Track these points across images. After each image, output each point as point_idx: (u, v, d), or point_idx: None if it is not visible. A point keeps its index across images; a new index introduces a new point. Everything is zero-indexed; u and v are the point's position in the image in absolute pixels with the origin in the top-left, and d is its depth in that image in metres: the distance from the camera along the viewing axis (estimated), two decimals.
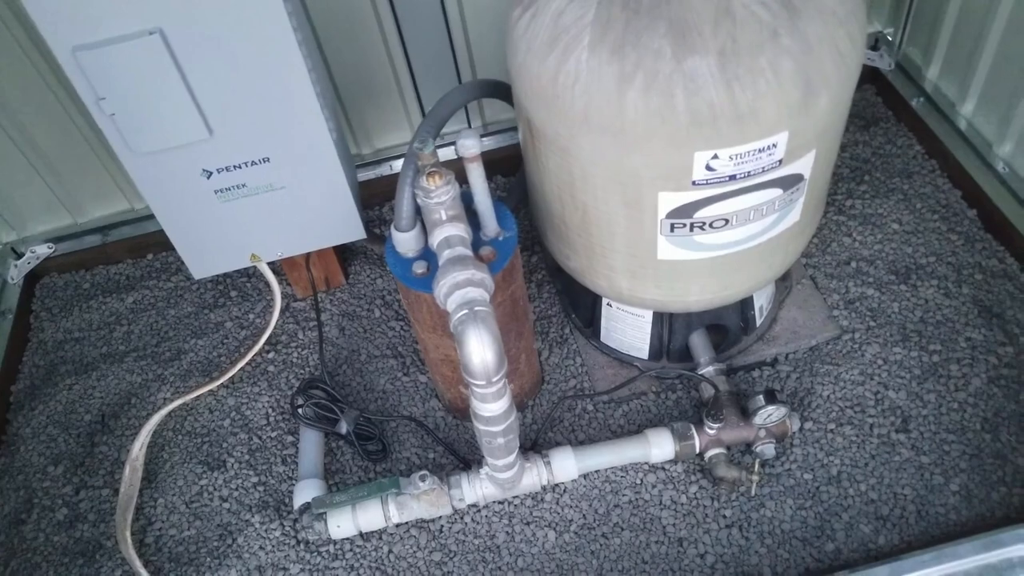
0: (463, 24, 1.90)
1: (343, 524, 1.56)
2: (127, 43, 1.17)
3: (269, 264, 1.69)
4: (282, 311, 1.98)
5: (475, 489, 1.57)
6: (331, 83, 1.92)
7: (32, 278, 2.14)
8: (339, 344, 1.94)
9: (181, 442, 1.82)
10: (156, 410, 1.77)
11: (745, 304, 1.74)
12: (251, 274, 2.09)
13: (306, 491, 1.61)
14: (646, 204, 1.33)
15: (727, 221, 1.35)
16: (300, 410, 1.71)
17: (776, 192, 1.33)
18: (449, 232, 1.37)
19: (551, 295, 1.96)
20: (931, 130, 2.04)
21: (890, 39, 2.19)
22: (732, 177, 1.27)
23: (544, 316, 1.93)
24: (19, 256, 2.13)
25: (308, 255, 1.80)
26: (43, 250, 2.13)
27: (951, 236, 1.91)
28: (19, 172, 1.95)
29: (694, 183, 1.27)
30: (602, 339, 1.83)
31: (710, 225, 1.35)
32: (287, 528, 1.64)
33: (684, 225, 1.35)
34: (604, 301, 1.74)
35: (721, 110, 1.18)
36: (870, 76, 2.23)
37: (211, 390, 1.85)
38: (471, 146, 1.33)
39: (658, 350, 1.78)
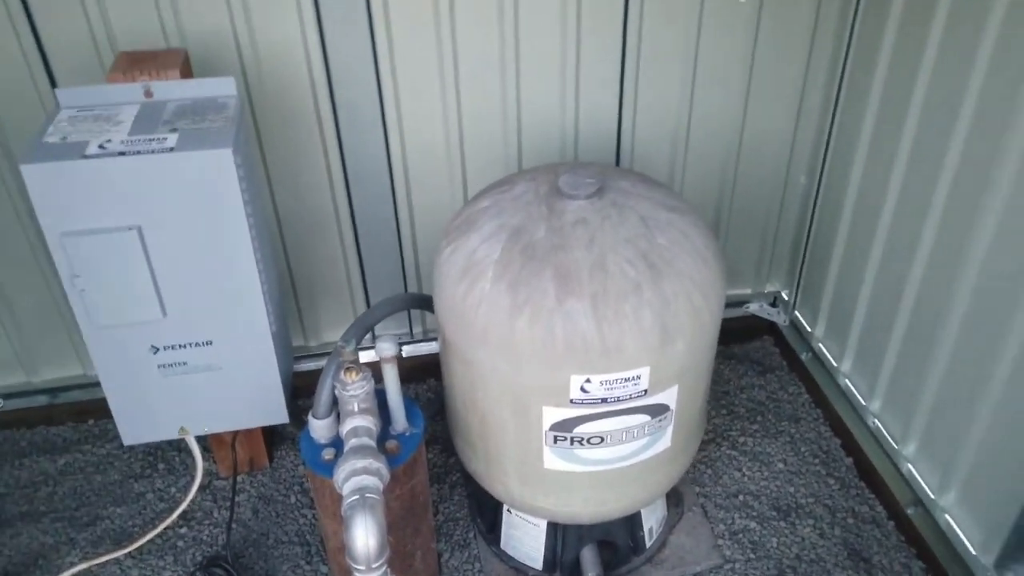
0: (414, 244, 2.20)
1: None
2: (109, 234, 1.41)
3: (199, 441, 1.82)
4: (203, 488, 2.08)
5: None
6: (289, 278, 2.17)
7: None
8: (250, 526, 2.02)
9: None
10: (58, 574, 1.81)
11: (634, 524, 1.87)
12: (181, 448, 2.20)
13: None
14: (533, 415, 1.52)
15: (603, 439, 1.53)
16: None
17: (644, 418, 1.53)
18: (358, 423, 1.54)
19: (462, 498, 2.08)
20: (816, 383, 2.29)
21: (786, 298, 2.52)
22: (604, 400, 1.47)
23: (452, 518, 2.04)
24: None
25: (235, 435, 1.94)
26: None
27: (829, 480, 2.10)
28: None
29: (571, 401, 1.47)
30: (502, 546, 1.93)
31: (588, 441, 1.53)
32: None
33: (566, 439, 1.53)
34: (505, 507, 1.87)
35: (592, 343, 1.41)
36: (769, 329, 2.53)
37: (117, 559, 1.90)
38: (387, 349, 1.54)
39: (551, 562, 1.87)
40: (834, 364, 2.28)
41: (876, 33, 1.88)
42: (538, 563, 1.88)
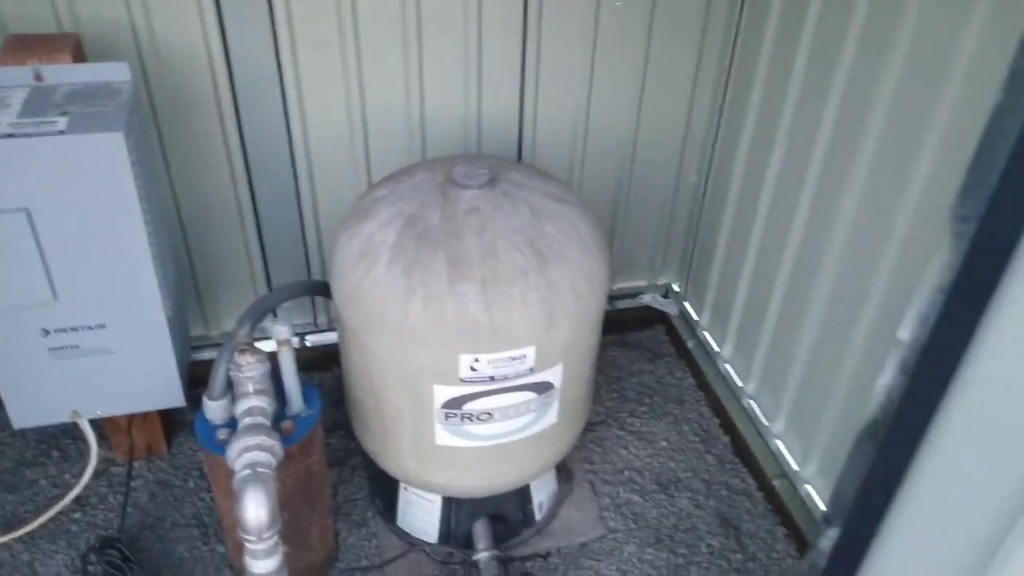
0: (317, 233, 2.23)
1: None
2: None
3: (95, 428, 1.81)
4: (99, 474, 2.07)
5: None
6: (190, 268, 2.17)
7: None
8: (147, 510, 2.02)
9: None
10: None
11: (524, 498, 1.98)
12: (76, 436, 2.17)
13: None
14: (425, 395, 1.59)
15: (491, 415, 1.63)
16: (90, 567, 1.76)
17: (531, 395, 1.63)
18: (252, 403, 1.58)
19: (362, 480, 2.14)
20: (700, 368, 2.46)
21: (677, 290, 2.68)
22: (492, 378, 1.57)
23: (351, 499, 2.10)
24: None
25: (131, 420, 1.94)
26: None
27: (707, 456, 2.26)
28: None
29: (461, 380, 1.56)
30: (399, 523, 2.00)
31: (477, 417, 1.62)
32: None
33: (456, 415, 1.62)
34: (401, 486, 1.94)
35: (482, 324, 1.50)
36: (661, 319, 2.69)
37: (8, 544, 1.88)
38: (281, 332, 1.58)
39: (445, 535, 1.96)
40: (716, 350, 2.45)
41: (758, 34, 2.03)
42: (433, 537, 1.96)
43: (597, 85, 2.19)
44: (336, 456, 2.19)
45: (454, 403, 1.60)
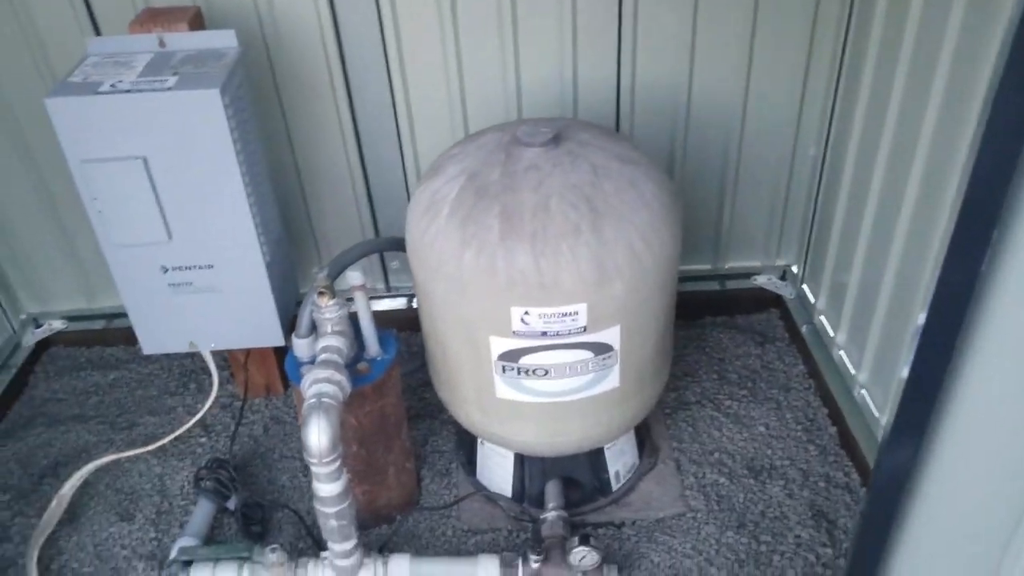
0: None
1: None
2: (119, 162, 1.64)
3: (224, 364, 2.05)
4: (224, 406, 2.33)
5: (317, 572, 1.78)
6: (308, 220, 2.37)
7: (42, 345, 2.57)
8: (260, 441, 2.24)
9: (107, 494, 2.11)
10: (93, 461, 2.09)
11: (598, 465, 1.97)
12: (210, 372, 2.46)
13: (184, 546, 1.86)
14: (482, 345, 1.64)
15: (547, 371, 1.64)
16: (202, 482, 2.00)
17: (587, 354, 1.63)
18: (329, 342, 1.71)
19: (451, 433, 2.24)
20: (812, 355, 2.30)
21: (795, 272, 2.52)
22: (544, 333, 1.59)
23: (438, 450, 2.20)
24: (38, 326, 2.58)
25: (247, 357, 2.17)
26: (58, 324, 2.58)
27: (809, 446, 2.11)
28: (54, 259, 2.45)
29: (514, 332, 1.59)
30: (478, 476, 2.08)
31: (533, 372, 1.65)
32: None
33: (513, 369, 1.65)
34: (479, 440, 2.01)
35: (530, 277, 1.52)
36: (776, 302, 2.55)
37: (145, 456, 2.17)
38: (356, 278, 1.70)
39: (520, 493, 2.00)
40: (831, 335, 2.29)
41: None
42: (507, 492, 2.01)
43: (700, 50, 2.12)
44: (428, 408, 2.30)
45: (510, 356, 1.63)
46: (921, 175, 1.74)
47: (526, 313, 1.56)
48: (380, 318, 1.82)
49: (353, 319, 1.78)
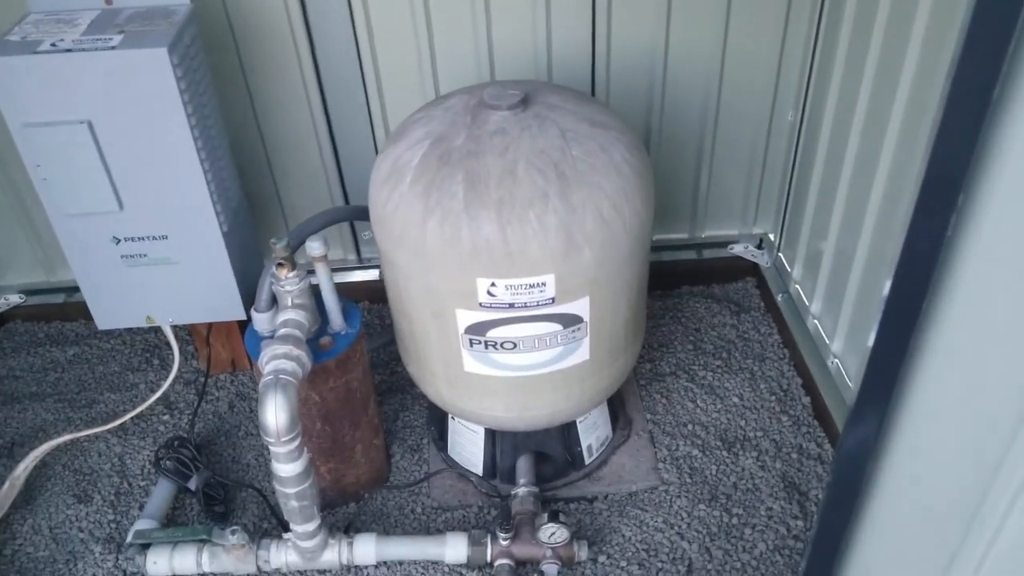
0: None
1: (159, 561, 1.74)
2: (62, 127, 1.56)
3: (185, 339, 1.98)
4: (188, 383, 2.26)
5: (280, 554, 1.74)
6: (274, 188, 2.29)
7: None
8: (224, 418, 2.18)
9: (64, 475, 2.04)
10: (53, 441, 2.02)
11: (570, 439, 1.93)
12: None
13: (140, 529, 1.80)
14: (448, 317, 1.59)
15: (515, 344, 1.59)
16: (161, 462, 1.93)
17: (555, 327, 1.58)
18: (289, 316, 1.65)
19: (423, 408, 2.19)
20: (787, 324, 2.27)
21: (772, 240, 2.48)
22: (512, 305, 1.53)
23: (409, 425, 2.15)
24: None
25: (208, 329, 2.10)
26: (15, 299, 2.48)
27: (782, 417, 2.09)
28: (10, 229, 2.35)
29: (480, 304, 1.54)
30: (449, 452, 2.03)
31: (501, 345, 1.60)
32: (119, 561, 1.82)
33: (480, 342, 1.60)
34: (450, 415, 1.96)
35: (496, 247, 1.46)
36: (753, 271, 2.51)
37: (104, 436, 2.10)
38: (316, 248, 1.63)
39: (491, 469, 1.96)
40: (806, 304, 2.25)
41: None
42: (479, 469, 1.97)
43: (676, 11, 2.05)
44: (400, 383, 2.25)
45: (477, 329, 1.58)
46: (895, 143, 1.70)
47: (492, 284, 1.50)
48: (351, 290, 1.77)
49: (316, 292, 1.71)
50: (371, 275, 2.48)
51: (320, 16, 2.02)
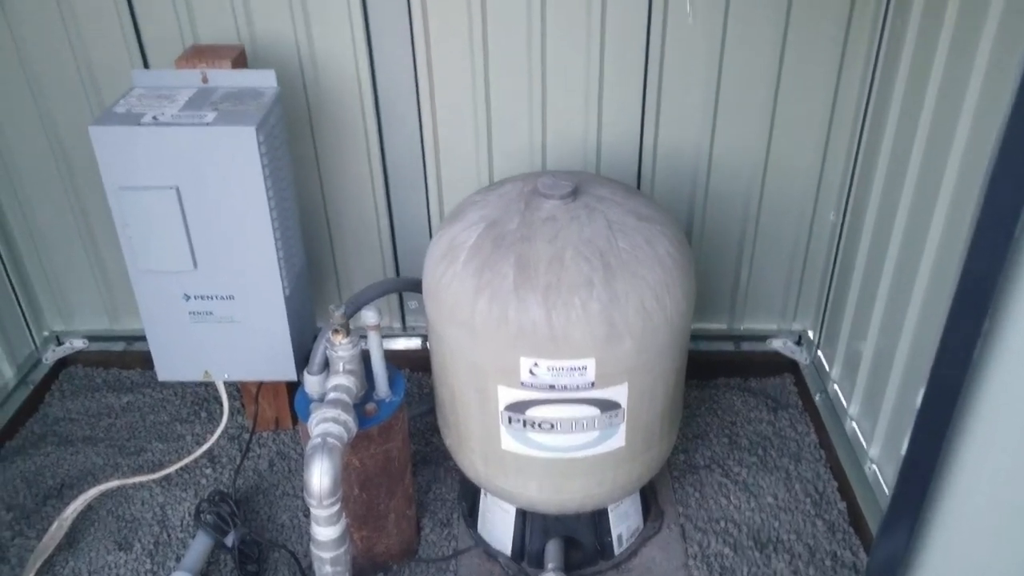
0: None
1: None
2: (153, 191, 1.70)
3: (236, 395, 2.07)
4: (233, 438, 2.34)
5: None
6: (331, 253, 2.41)
7: (61, 363, 2.61)
8: (264, 476, 2.24)
9: (108, 521, 2.11)
10: (97, 486, 2.10)
11: (600, 527, 1.94)
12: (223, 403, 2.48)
13: None
14: (490, 394, 1.65)
15: (553, 425, 1.64)
16: (202, 515, 1.99)
17: (593, 411, 1.62)
18: (340, 381, 1.72)
19: (455, 481, 2.22)
20: (825, 425, 2.27)
21: (811, 337, 2.51)
22: (552, 386, 1.59)
23: (441, 498, 2.18)
24: (60, 344, 2.63)
25: (258, 388, 2.18)
26: (79, 343, 2.62)
27: (817, 521, 2.07)
28: (83, 277, 2.51)
29: (522, 383, 1.59)
30: (479, 529, 2.05)
31: (539, 425, 1.64)
32: None
33: (519, 420, 1.65)
34: (482, 491, 1.99)
35: (540, 329, 1.53)
36: (791, 367, 2.53)
37: (149, 484, 2.18)
38: (371, 317, 1.72)
39: (520, 550, 1.97)
40: (844, 406, 2.26)
41: (893, 65, 1.91)
42: (507, 549, 1.98)
43: (722, 114, 2.15)
44: (435, 454, 2.29)
45: (517, 407, 1.63)
46: (935, 250, 1.74)
47: (535, 364, 1.57)
48: (394, 357, 1.84)
49: (365, 358, 1.79)
50: (414, 343, 2.57)
51: (390, 105, 2.17)
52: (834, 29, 2.05)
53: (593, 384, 1.59)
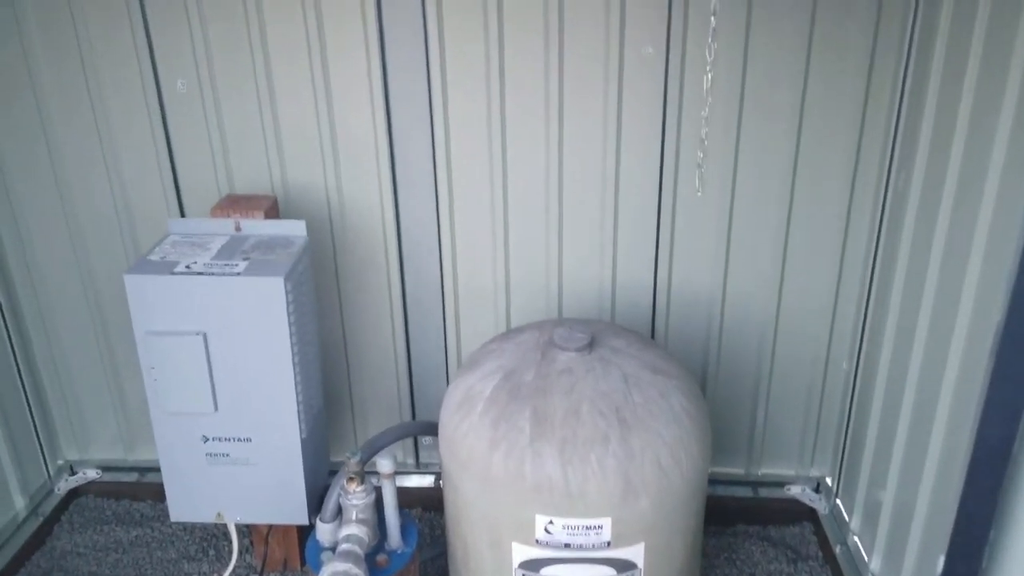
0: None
1: None
2: (181, 336, 1.75)
3: (245, 535, 2.05)
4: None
5: None
6: (349, 397, 2.44)
7: (72, 493, 2.60)
8: None
9: None
10: None
11: None
12: (231, 540, 2.44)
13: None
14: (504, 549, 1.63)
15: None
16: None
17: (609, 571, 1.60)
18: (352, 531, 1.72)
19: None
20: None
21: (830, 485, 2.47)
22: (567, 545, 1.57)
23: None
24: (73, 473, 2.63)
25: (269, 529, 2.16)
26: (92, 474, 2.62)
27: None
28: (102, 406, 2.54)
29: (537, 541, 1.58)
30: None
31: None
32: None
33: None
34: None
35: (557, 485, 1.53)
36: (810, 515, 2.47)
37: None
38: (386, 466, 1.73)
39: None
40: (865, 560, 2.19)
41: (900, 214, 1.97)
42: None
43: (734, 261, 2.21)
44: None
45: (531, 565, 1.61)
46: (951, 399, 1.73)
47: (550, 522, 1.56)
48: (407, 494, 1.83)
49: (378, 503, 1.79)
50: (427, 480, 2.55)
51: (413, 246, 2.26)
52: (839, 183, 2.14)
53: (609, 544, 1.57)
